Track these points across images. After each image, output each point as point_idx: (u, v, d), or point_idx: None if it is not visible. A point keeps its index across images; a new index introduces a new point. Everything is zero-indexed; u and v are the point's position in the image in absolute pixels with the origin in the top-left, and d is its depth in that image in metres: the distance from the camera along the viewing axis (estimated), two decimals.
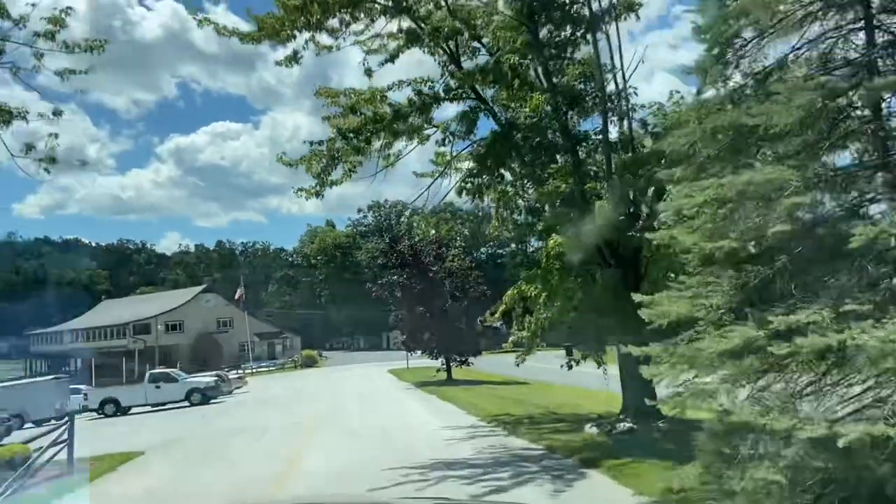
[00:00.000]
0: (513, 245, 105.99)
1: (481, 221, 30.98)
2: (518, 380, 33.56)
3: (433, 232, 17.04)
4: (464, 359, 32.45)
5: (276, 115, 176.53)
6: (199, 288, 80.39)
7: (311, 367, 66.11)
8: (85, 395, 32.26)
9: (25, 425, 31.41)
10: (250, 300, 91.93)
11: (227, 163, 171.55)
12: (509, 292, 14.41)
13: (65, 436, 13.88)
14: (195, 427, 21.75)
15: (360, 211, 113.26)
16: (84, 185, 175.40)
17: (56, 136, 9.88)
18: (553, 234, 13.84)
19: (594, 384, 19.56)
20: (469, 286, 32.24)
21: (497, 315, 15.39)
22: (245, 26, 12.88)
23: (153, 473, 12.96)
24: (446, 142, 14.25)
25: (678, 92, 13.73)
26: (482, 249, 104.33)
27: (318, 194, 12.54)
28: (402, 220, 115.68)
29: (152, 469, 13.70)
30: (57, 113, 10.22)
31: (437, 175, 14.59)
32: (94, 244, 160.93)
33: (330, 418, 19.63)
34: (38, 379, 34.90)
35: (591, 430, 12.73)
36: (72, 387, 37.03)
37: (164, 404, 32.35)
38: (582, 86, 13.56)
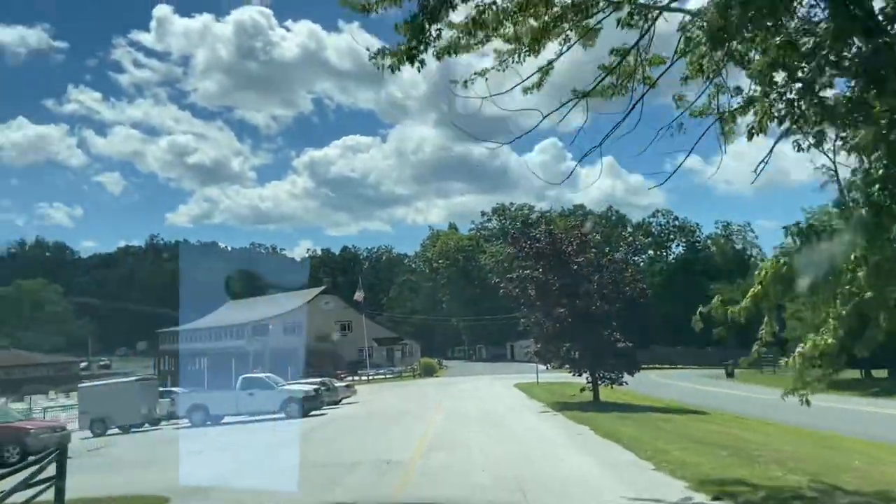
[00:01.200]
0: (650, 251, 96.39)
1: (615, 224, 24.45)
2: (688, 407, 26.22)
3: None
4: (615, 376, 25.59)
5: (402, 128, 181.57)
6: (318, 289, 77.92)
7: (429, 377, 61.06)
8: (172, 399, 28.43)
9: (109, 430, 28.06)
10: (371, 304, 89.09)
11: (357, 174, 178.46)
12: (765, 268, 7.78)
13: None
14: (257, 454, 16.59)
15: (483, 214, 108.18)
16: (228, 196, 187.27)
17: None
18: None
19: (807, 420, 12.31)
20: (624, 284, 25.37)
21: (724, 313, 8.51)
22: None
23: None
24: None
25: None
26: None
27: (411, 57, 6.81)
28: (529, 222, 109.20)
29: None
30: None
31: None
32: (229, 248, 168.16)
33: (441, 455, 13.68)
34: (124, 380, 31.83)
35: None
36: (167, 389, 33.75)
37: (256, 414, 27.93)
38: None
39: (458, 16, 7.59)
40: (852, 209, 6.97)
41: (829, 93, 6.73)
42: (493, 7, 7.48)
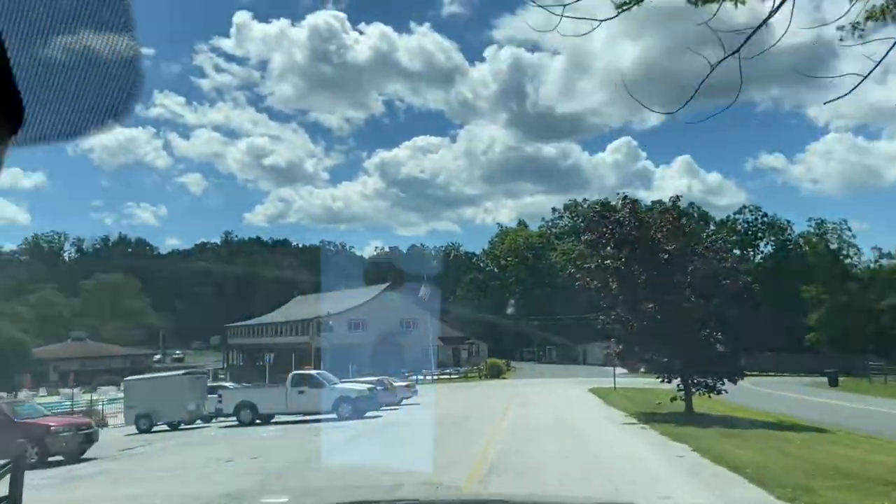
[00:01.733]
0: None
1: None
2: (800, 422, 22.22)
3: None
4: (714, 383, 21.87)
5: (472, 128, 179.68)
6: (383, 286, 76.00)
7: (496, 378, 58.00)
8: (219, 396, 26.47)
9: (154, 427, 26.33)
10: (437, 303, 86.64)
11: (426, 175, 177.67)
12: None
13: None
14: (284, 466, 14.01)
15: (554, 211, 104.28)
16: (302, 197, 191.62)
17: None
18: None
19: None
20: (724, 276, 21.63)
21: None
22: None
23: None
24: None
25: None
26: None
27: None
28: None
29: None
30: None
31: None
32: (300, 245, 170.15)
33: (503, 481, 10.69)
34: (172, 373, 30.21)
35: None
36: (216, 384, 31.99)
37: (306, 415, 25.62)
38: None
39: None
40: None
41: None
42: None
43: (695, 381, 22.33)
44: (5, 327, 78.34)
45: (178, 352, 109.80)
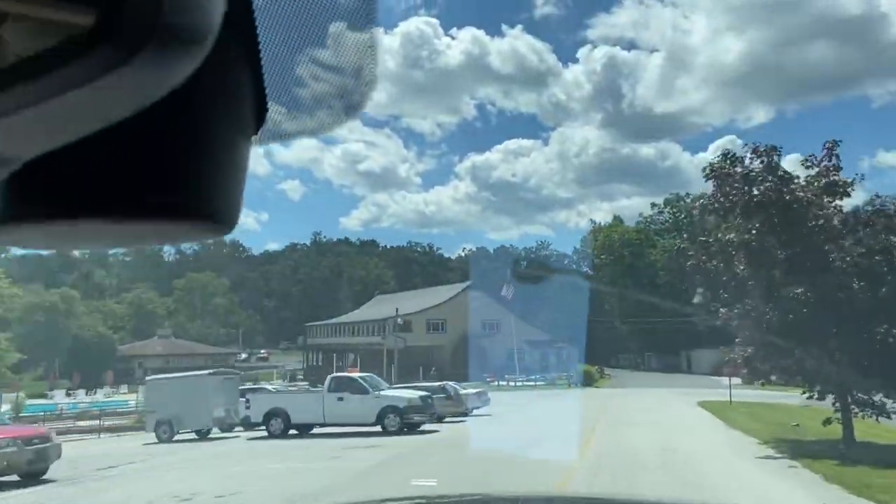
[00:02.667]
0: None
1: None
2: None
3: None
4: (883, 402, 15.64)
5: (564, 130, 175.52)
6: (464, 284, 71.25)
7: (587, 387, 51.98)
8: (247, 402, 22.35)
9: (175, 437, 22.56)
10: (525, 303, 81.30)
11: (518, 178, 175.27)
12: None
13: None
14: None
15: (653, 206, 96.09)
16: (396, 202, 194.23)
17: None
18: None
19: None
20: None
21: None
22: None
23: None
24: None
25: None
26: None
27: None
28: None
29: None
30: None
31: None
32: (387, 246, 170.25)
33: None
34: (196, 373, 26.48)
35: None
36: (251, 387, 28.19)
37: (347, 425, 21.11)
38: None
39: None
40: None
41: None
42: None
43: (858, 397, 16.11)
44: (93, 324, 79.48)
45: (262, 351, 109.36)
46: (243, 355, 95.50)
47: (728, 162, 16.10)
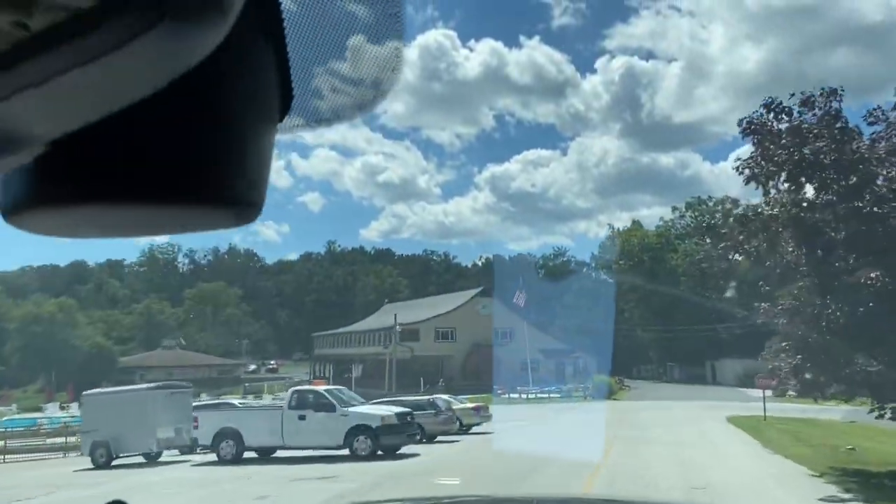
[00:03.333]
0: None
1: None
2: None
3: None
4: None
5: (583, 140, 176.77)
6: (475, 290, 67.78)
7: (605, 400, 48.16)
8: (196, 420, 19.05)
9: (116, 461, 19.37)
10: (541, 312, 77.82)
11: (537, 189, 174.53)
12: None
13: None
14: None
15: (675, 209, 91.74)
16: (415, 213, 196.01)
17: None
18: None
19: None
20: None
21: None
22: None
23: None
24: None
25: None
26: None
27: None
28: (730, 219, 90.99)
29: None
30: None
31: None
32: (403, 255, 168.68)
33: None
34: (138, 387, 23.25)
35: None
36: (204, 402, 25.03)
37: (309, 448, 17.75)
38: None
39: None
40: None
41: None
42: None
43: None
44: (91, 335, 77.19)
45: (272, 362, 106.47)
46: (252, 366, 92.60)
47: (772, 114, 12.58)
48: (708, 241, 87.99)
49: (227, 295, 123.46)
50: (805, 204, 12.40)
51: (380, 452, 17.20)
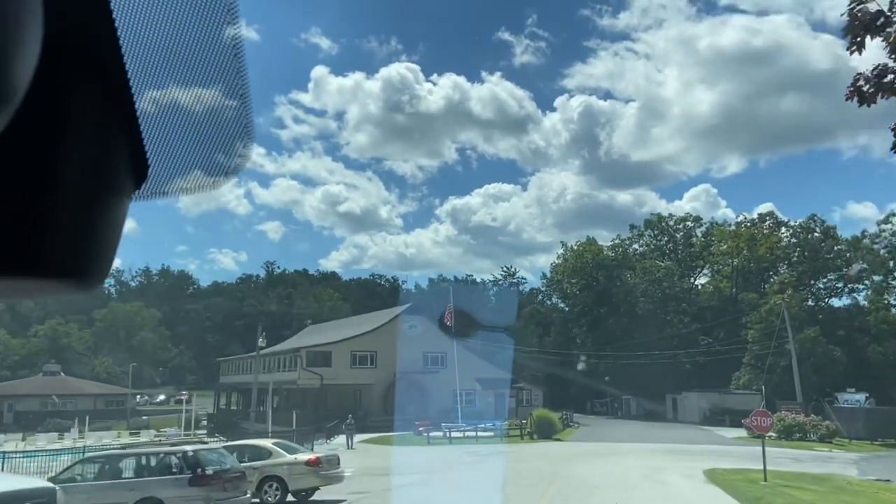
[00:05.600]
0: None
1: None
2: None
3: None
4: None
5: (543, 175, 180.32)
6: (401, 308, 58.17)
7: (546, 439, 38.86)
8: None
9: None
10: (485, 337, 68.39)
11: (498, 223, 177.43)
12: None
13: None
14: None
15: (633, 228, 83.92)
16: (376, 243, 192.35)
17: None
18: None
19: None
20: None
21: None
22: None
23: None
24: None
25: None
26: None
27: None
28: (692, 239, 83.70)
29: None
30: None
31: None
32: (350, 279, 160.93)
33: None
34: None
35: None
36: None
37: None
38: None
39: None
40: None
41: None
42: None
43: None
44: None
45: (183, 392, 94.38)
46: (140, 398, 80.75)
47: None
48: (668, 261, 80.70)
49: (142, 317, 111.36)
50: None
51: None
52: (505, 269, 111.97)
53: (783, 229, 72.92)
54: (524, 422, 41.42)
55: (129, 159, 0.69)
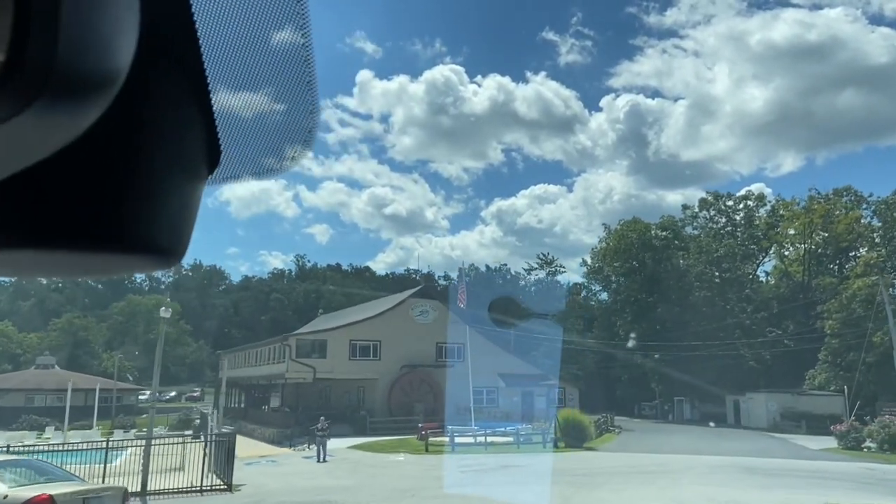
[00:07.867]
0: None
1: None
2: None
3: None
4: None
5: (589, 176, 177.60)
6: (409, 291, 50.33)
7: (575, 449, 30.42)
8: None
9: None
10: (511, 328, 60.32)
11: (544, 224, 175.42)
12: None
13: None
14: None
15: (685, 208, 74.13)
16: (422, 245, 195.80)
17: None
18: None
19: None
20: None
21: None
22: None
23: None
24: None
25: None
26: None
27: None
28: (755, 221, 73.17)
29: None
30: None
31: None
32: (384, 275, 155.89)
33: None
34: None
35: None
36: None
37: None
38: None
39: None
40: None
41: None
42: None
43: None
44: None
45: (196, 388, 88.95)
46: (144, 395, 74.98)
47: None
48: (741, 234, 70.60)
49: (159, 312, 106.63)
50: None
51: None
52: (542, 256, 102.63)
53: (863, 205, 62.89)
54: (546, 425, 33.00)
55: (204, 147, 0.74)
